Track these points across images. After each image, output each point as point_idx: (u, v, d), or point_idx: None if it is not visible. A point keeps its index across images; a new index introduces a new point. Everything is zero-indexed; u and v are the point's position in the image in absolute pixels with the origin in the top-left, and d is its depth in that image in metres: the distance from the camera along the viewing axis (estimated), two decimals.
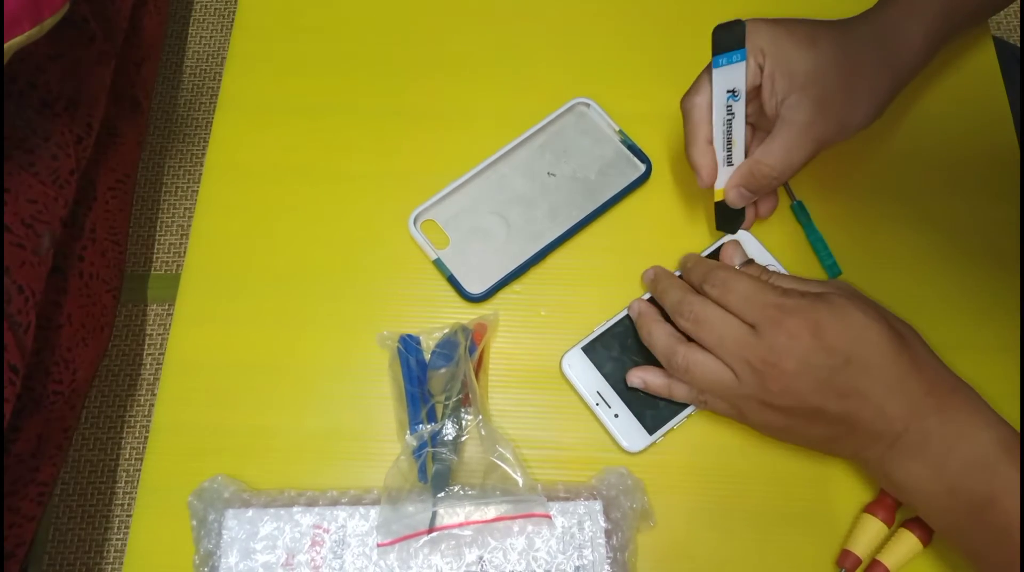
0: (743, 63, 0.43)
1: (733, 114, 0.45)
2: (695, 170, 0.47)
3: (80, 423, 1.10)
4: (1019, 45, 0.39)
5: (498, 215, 0.51)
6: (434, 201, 0.51)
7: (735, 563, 0.44)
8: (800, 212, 0.51)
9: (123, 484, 1.08)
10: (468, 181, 0.52)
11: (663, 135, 0.53)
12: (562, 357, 0.47)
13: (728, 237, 0.50)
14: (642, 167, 0.52)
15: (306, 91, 0.56)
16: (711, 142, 0.46)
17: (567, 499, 0.44)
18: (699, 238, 0.51)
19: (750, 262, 0.46)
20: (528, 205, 0.52)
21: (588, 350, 0.47)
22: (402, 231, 0.51)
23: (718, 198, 0.48)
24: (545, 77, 0.56)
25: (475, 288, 0.49)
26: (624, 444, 0.46)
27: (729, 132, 0.45)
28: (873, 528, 0.43)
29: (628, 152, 0.53)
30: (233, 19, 1.26)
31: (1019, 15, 1.31)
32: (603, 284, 0.50)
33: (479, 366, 0.47)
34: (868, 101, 0.45)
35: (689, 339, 0.43)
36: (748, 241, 0.50)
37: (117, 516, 1.06)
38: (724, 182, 0.47)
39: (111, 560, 1.04)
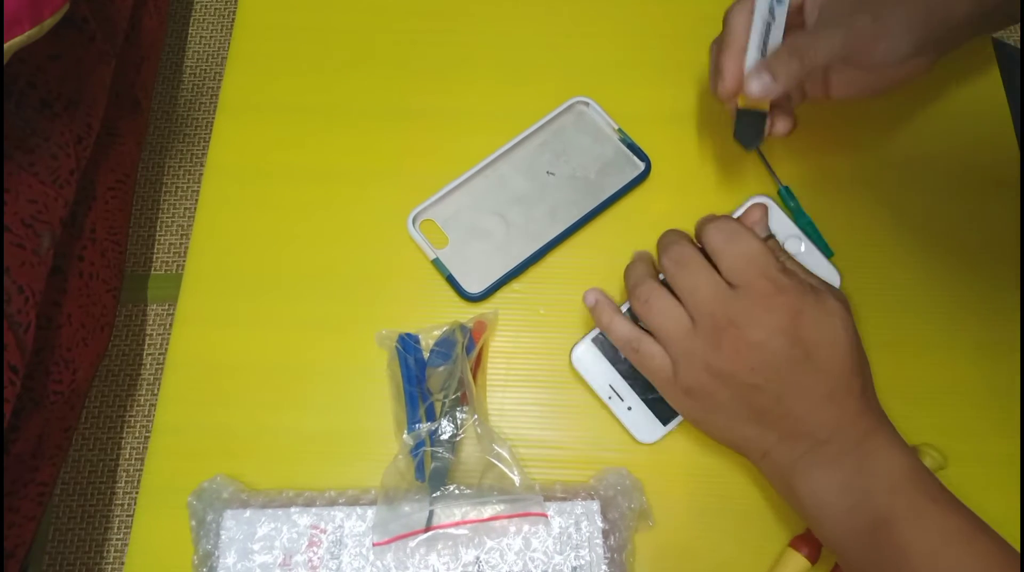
0: None
1: (774, 18, 0.44)
2: (720, 73, 0.45)
3: (80, 423, 1.10)
4: (1019, 46, 0.39)
5: (497, 214, 0.51)
6: (433, 201, 0.51)
7: (735, 563, 0.44)
8: (788, 197, 0.51)
9: (123, 484, 1.08)
10: (467, 180, 0.52)
11: (662, 134, 0.53)
12: (571, 350, 0.47)
13: (756, 198, 0.47)
14: (641, 166, 0.52)
15: (306, 91, 0.56)
16: (744, 51, 0.45)
17: (564, 499, 0.44)
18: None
19: (771, 238, 0.45)
20: (527, 204, 0.52)
21: (598, 342, 0.46)
22: (401, 231, 0.51)
23: (741, 104, 0.46)
24: (544, 76, 0.56)
25: (474, 287, 0.49)
26: (638, 436, 0.45)
27: (767, 35, 0.44)
28: (796, 565, 0.43)
29: (627, 151, 0.53)
30: (233, 19, 1.25)
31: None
32: (602, 283, 0.50)
33: (478, 365, 0.47)
34: (899, 25, 0.43)
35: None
36: (772, 210, 0.47)
37: (117, 516, 1.06)
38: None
39: (111, 560, 1.04)
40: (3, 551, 0.81)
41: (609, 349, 0.47)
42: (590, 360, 0.46)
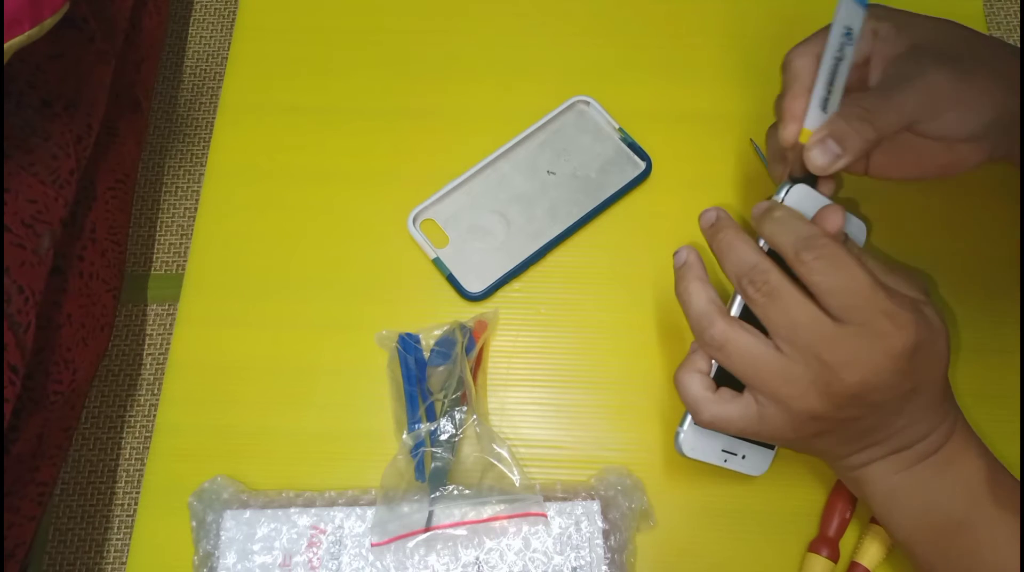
0: (865, 10, 0.37)
1: (843, 56, 0.39)
2: (783, 117, 0.40)
3: (80, 423, 1.10)
4: (1019, 45, 0.39)
5: (498, 214, 0.51)
6: (433, 200, 0.51)
7: (735, 563, 0.44)
8: None
9: (123, 484, 1.08)
10: (467, 180, 0.52)
11: (663, 133, 0.53)
12: (679, 442, 0.41)
13: (796, 188, 0.40)
14: (642, 165, 0.52)
15: (307, 91, 0.56)
16: (809, 91, 0.39)
17: (564, 499, 0.44)
18: (701, 236, 0.51)
19: (847, 239, 0.39)
20: (528, 203, 0.51)
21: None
22: (401, 230, 0.51)
23: (803, 140, 0.40)
24: (545, 75, 0.55)
25: (474, 287, 0.49)
26: (755, 473, 0.43)
27: (835, 72, 0.39)
28: (821, 568, 0.43)
29: (628, 150, 0.53)
30: (233, 19, 1.25)
31: (1019, 15, 1.31)
32: (603, 282, 0.50)
33: (478, 364, 0.47)
34: (978, 96, 0.38)
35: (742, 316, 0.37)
36: (806, 189, 0.41)
37: (117, 516, 1.06)
38: (814, 124, 0.39)
39: (111, 560, 1.04)
40: (3, 551, 0.81)
41: None
42: (700, 439, 0.41)
